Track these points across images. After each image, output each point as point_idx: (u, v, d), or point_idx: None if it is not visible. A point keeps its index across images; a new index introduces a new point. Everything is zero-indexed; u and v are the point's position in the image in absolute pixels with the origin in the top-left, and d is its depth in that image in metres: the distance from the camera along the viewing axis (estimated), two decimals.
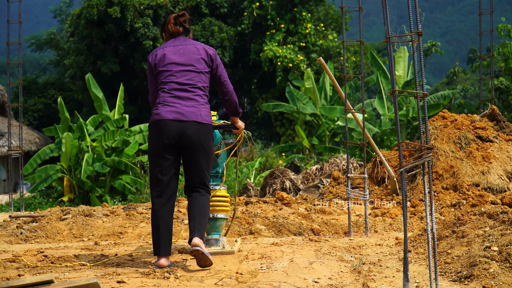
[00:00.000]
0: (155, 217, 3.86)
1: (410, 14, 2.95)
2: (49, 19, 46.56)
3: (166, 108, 3.88)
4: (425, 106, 2.98)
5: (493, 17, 10.74)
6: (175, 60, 3.98)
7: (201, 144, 3.89)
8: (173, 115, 3.86)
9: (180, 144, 3.89)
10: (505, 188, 6.88)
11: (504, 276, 3.29)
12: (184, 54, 4.00)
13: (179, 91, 3.92)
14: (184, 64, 3.98)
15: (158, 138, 3.87)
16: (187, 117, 3.86)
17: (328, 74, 5.45)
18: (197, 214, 3.88)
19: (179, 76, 3.95)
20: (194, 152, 3.90)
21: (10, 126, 9.32)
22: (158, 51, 4.04)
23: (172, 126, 3.85)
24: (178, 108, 3.88)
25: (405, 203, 2.91)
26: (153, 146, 3.89)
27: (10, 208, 8.97)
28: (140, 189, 14.58)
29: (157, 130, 3.87)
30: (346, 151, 5.42)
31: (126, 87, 23.87)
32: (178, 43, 4.06)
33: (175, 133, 3.85)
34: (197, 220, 3.86)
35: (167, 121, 3.85)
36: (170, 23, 4.10)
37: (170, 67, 3.97)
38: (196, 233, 3.82)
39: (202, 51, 4.04)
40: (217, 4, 23.91)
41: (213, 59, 4.06)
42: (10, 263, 4.00)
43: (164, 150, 3.88)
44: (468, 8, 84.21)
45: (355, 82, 18.53)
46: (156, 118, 3.88)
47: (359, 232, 5.57)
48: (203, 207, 3.93)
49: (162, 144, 3.87)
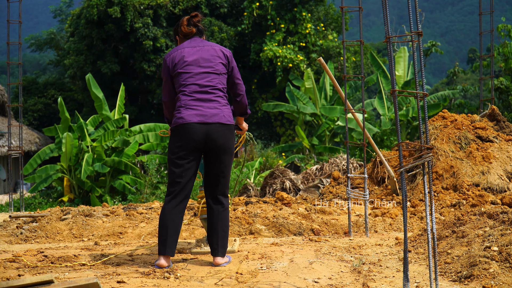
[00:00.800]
0: (165, 216, 3.87)
1: (410, 14, 2.95)
2: (49, 19, 46.56)
3: (189, 112, 3.88)
4: (425, 106, 2.98)
5: (493, 17, 10.74)
6: (194, 62, 3.97)
7: (224, 146, 3.92)
8: (197, 118, 3.86)
9: (204, 147, 3.91)
10: (505, 188, 6.88)
11: (504, 276, 3.29)
12: (203, 56, 3.99)
13: (200, 93, 3.92)
14: (203, 66, 3.97)
15: (182, 141, 3.87)
16: (211, 119, 3.87)
17: (328, 74, 5.45)
18: (220, 232, 3.97)
19: (199, 78, 3.95)
20: (218, 154, 3.93)
21: (10, 126, 9.32)
22: (176, 52, 4.02)
23: (197, 129, 3.85)
24: (202, 110, 3.88)
25: (405, 203, 2.91)
26: (177, 149, 3.89)
27: (10, 208, 8.97)
28: (140, 189, 14.59)
29: (182, 133, 3.87)
30: (346, 151, 5.42)
31: (126, 87, 23.87)
32: (195, 44, 4.05)
33: (201, 136, 3.86)
34: (219, 238, 3.96)
35: (192, 124, 3.85)
36: (183, 24, 4.11)
37: (189, 69, 3.96)
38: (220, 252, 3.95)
39: (220, 52, 4.04)
40: (217, 4, 23.92)
41: (229, 61, 4.07)
42: (10, 263, 4.00)
43: (188, 153, 3.89)
44: (468, 8, 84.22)
45: (355, 82, 18.53)
46: (180, 121, 3.87)
47: (359, 232, 5.57)
48: (225, 222, 3.99)
49: (187, 147, 3.87)
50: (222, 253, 3.95)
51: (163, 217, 3.87)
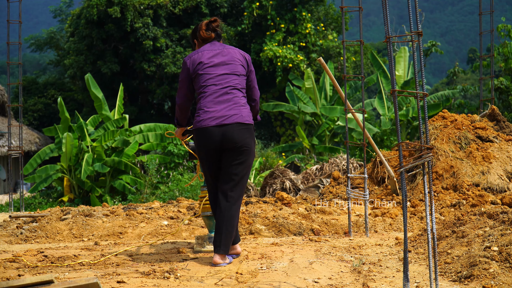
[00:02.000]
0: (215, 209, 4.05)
1: (410, 14, 2.95)
2: (49, 19, 46.56)
3: (207, 115, 3.96)
4: (425, 106, 2.98)
5: (493, 17, 10.73)
6: (214, 64, 4.05)
7: (242, 144, 3.99)
8: (215, 121, 3.95)
9: (224, 148, 4.00)
10: (505, 188, 6.88)
11: (504, 276, 3.29)
12: (224, 58, 4.08)
13: (220, 95, 4.00)
14: (224, 68, 4.05)
15: (203, 144, 4.00)
16: (229, 120, 3.95)
17: (328, 74, 5.44)
18: (225, 228, 3.96)
19: (219, 79, 4.03)
20: (234, 153, 4.00)
21: (10, 126, 9.32)
22: (196, 55, 4.10)
23: (215, 132, 3.95)
24: (220, 112, 3.96)
25: (405, 203, 2.91)
26: (201, 152, 4.05)
27: (10, 208, 8.97)
28: (140, 189, 14.59)
29: (202, 136, 3.99)
30: (346, 151, 5.42)
31: (126, 87, 23.86)
32: (215, 47, 4.13)
33: (218, 138, 3.95)
34: (224, 235, 3.96)
35: (209, 128, 3.95)
36: (202, 29, 4.20)
37: (210, 71, 4.04)
38: (220, 249, 3.95)
39: (240, 55, 4.14)
40: (217, 4, 23.91)
41: (248, 64, 4.17)
42: (10, 263, 4.00)
43: (211, 155, 4.02)
44: (468, 8, 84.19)
45: (355, 82, 18.52)
46: (199, 125, 3.98)
47: (359, 232, 5.57)
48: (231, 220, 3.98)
49: (208, 150, 4.00)
50: (225, 251, 3.98)
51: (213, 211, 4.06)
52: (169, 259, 4.19)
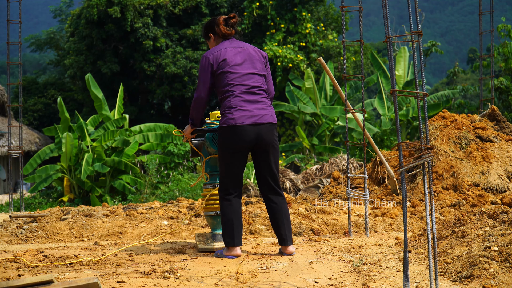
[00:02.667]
0: (233, 211, 4.08)
1: (410, 14, 2.95)
2: (49, 19, 46.56)
3: (240, 113, 4.01)
4: (425, 106, 2.98)
5: (493, 17, 10.73)
6: (239, 63, 4.09)
7: (273, 143, 4.11)
8: (249, 119, 4.01)
9: (255, 146, 4.08)
10: (505, 188, 6.88)
11: (504, 276, 3.29)
12: (246, 57, 4.13)
13: (249, 94, 4.06)
14: (249, 66, 4.11)
15: (235, 142, 4.03)
16: (262, 119, 4.04)
17: (328, 74, 5.44)
18: (286, 220, 4.16)
19: (246, 79, 4.08)
20: (269, 152, 4.11)
21: (10, 126, 9.32)
22: (219, 51, 4.11)
23: (249, 131, 4.01)
24: (253, 112, 4.03)
25: (405, 203, 2.91)
26: (230, 149, 4.06)
27: (10, 208, 8.97)
28: (140, 189, 14.59)
29: (234, 134, 4.02)
30: (346, 151, 5.42)
31: (126, 87, 23.85)
32: (236, 45, 4.17)
33: (252, 137, 4.03)
34: (287, 227, 4.15)
35: (244, 126, 4.01)
36: (221, 24, 4.23)
37: (236, 69, 4.07)
38: (290, 241, 4.16)
39: (259, 54, 4.19)
40: (217, 4, 23.92)
41: (266, 62, 4.23)
42: (10, 263, 4.00)
43: (242, 152, 4.07)
44: (468, 8, 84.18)
45: (355, 82, 18.52)
46: (232, 123, 4.01)
47: (359, 232, 5.57)
48: (288, 213, 4.19)
49: (239, 147, 4.04)
50: (292, 241, 4.17)
51: (230, 213, 4.08)
52: (169, 259, 4.19)
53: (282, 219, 4.14)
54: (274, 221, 4.17)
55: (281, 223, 4.14)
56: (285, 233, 4.14)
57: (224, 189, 4.11)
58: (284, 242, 4.15)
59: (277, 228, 4.16)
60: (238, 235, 4.08)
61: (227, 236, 4.07)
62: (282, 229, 4.14)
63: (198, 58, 22.75)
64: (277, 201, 4.16)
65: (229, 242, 4.08)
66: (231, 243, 4.08)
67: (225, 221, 4.08)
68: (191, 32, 23.26)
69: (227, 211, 4.08)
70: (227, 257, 4.08)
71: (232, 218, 4.07)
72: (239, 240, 4.09)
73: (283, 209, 4.16)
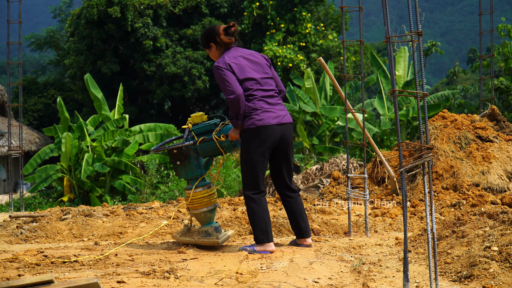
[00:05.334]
0: (264, 210, 4.29)
1: (410, 14, 2.95)
2: (49, 19, 46.55)
3: (266, 114, 4.24)
4: (425, 106, 2.98)
5: (493, 17, 10.73)
6: (253, 69, 4.31)
7: (292, 143, 4.41)
8: (275, 120, 4.26)
9: (279, 145, 4.33)
10: (505, 188, 6.88)
11: (504, 276, 3.29)
12: (257, 63, 4.36)
13: (269, 97, 4.30)
14: (262, 72, 4.34)
15: (264, 142, 4.24)
16: (284, 119, 4.31)
17: (328, 74, 5.44)
18: (304, 214, 4.45)
19: (263, 83, 4.32)
20: (289, 151, 4.39)
21: (10, 126, 9.31)
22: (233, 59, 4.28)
23: (276, 130, 4.26)
24: (276, 112, 4.28)
25: (405, 203, 2.91)
26: (258, 149, 4.25)
27: (10, 208, 8.97)
28: (140, 189, 14.58)
29: (264, 134, 4.23)
30: (346, 151, 5.42)
31: (126, 87, 23.85)
32: (242, 53, 4.37)
33: (278, 136, 4.28)
34: (305, 220, 4.46)
35: (272, 126, 4.24)
36: (221, 34, 4.38)
37: (253, 75, 4.28)
38: (309, 233, 4.48)
39: (264, 58, 4.43)
40: (217, 4, 23.91)
41: (271, 65, 4.49)
42: (10, 263, 4.00)
43: (268, 151, 4.29)
44: (468, 8, 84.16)
45: (355, 82, 18.51)
46: (261, 123, 4.22)
47: (359, 232, 5.57)
48: (303, 207, 4.49)
49: (267, 147, 4.26)
50: (310, 234, 4.48)
51: (259, 211, 4.27)
52: (169, 259, 4.19)
53: (301, 213, 4.41)
54: (293, 215, 4.41)
55: (299, 216, 4.40)
56: (305, 225, 4.43)
57: (254, 188, 4.28)
58: (304, 234, 4.43)
59: (296, 222, 4.42)
60: (271, 231, 4.29)
61: (261, 233, 4.27)
62: (302, 222, 4.42)
63: (198, 58, 22.74)
64: (294, 196, 4.41)
65: (263, 239, 4.26)
66: (265, 240, 4.27)
67: (257, 219, 4.27)
68: (191, 32, 23.26)
69: (258, 210, 4.27)
70: (260, 252, 4.26)
71: (264, 216, 4.26)
72: (272, 236, 4.29)
73: (301, 203, 4.44)
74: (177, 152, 4.50)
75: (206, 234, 4.55)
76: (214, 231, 4.54)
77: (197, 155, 4.56)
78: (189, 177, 4.56)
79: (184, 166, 4.54)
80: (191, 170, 4.54)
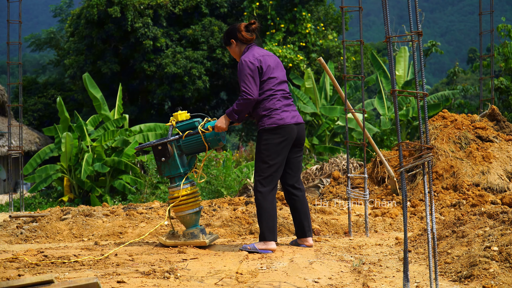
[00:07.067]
0: (272, 208, 4.34)
1: (410, 14, 2.95)
2: (49, 19, 46.56)
3: (286, 114, 4.38)
4: (425, 106, 2.98)
5: (493, 17, 10.73)
6: (276, 70, 4.43)
7: (304, 141, 4.53)
8: (293, 119, 4.41)
9: (295, 143, 4.47)
10: (505, 188, 6.88)
11: (504, 276, 3.29)
12: (279, 63, 4.50)
13: (285, 99, 4.44)
14: (281, 74, 4.47)
15: (285, 140, 4.37)
16: (299, 119, 4.45)
17: (328, 74, 5.44)
18: (308, 214, 4.52)
19: (282, 84, 4.46)
20: (300, 148, 4.53)
21: (10, 126, 9.32)
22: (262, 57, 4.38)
23: (295, 129, 4.41)
24: (293, 113, 4.43)
25: (405, 203, 2.91)
26: (278, 147, 4.36)
27: (10, 208, 8.97)
28: (140, 189, 14.58)
29: (285, 133, 4.36)
30: (346, 151, 5.42)
31: (126, 87, 23.83)
32: (265, 52, 4.47)
33: (295, 135, 4.43)
34: (309, 220, 4.53)
35: (291, 125, 4.38)
36: (243, 31, 4.48)
37: (276, 75, 4.41)
38: (311, 233, 4.55)
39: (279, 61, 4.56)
40: (217, 4, 23.90)
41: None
42: (10, 263, 4.00)
43: (287, 150, 4.41)
44: (468, 8, 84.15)
45: (355, 82, 18.51)
46: (282, 122, 4.35)
47: (359, 232, 5.57)
48: (308, 206, 4.62)
49: (286, 145, 4.38)
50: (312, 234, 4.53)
51: (269, 208, 4.33)
52: (169, 259, 4.19)
53: (305, 212, 4.47)
54: (297, 213, 4.46)
55: (304, 215, 4.47)
56: (308, 225, 4.49)
57: (269, 184, 4.35)
58: (306, 233, 4.48)
59: (299, 220, 4.47)
60: (276, 231, 4.35)
61: (268, 230, 4.30)
62: (305, 221, 4.47)
63: (198, 58, 22.72)
64: (300, 195, 4.50)
65: (269, 236, 4.30)
66: (271, 238, 4.30)
67: (267, 216, 4.32)
68: (191, 32, 23.25)
69: (270, 207, 4.32)
70: (262, 251, 4.27)
71: (274, 214, 4.34)
72: (276, 235, 4.35)
73: (306, 202, 4.52)
74: (161, 149, 4.55)
75: (192, 236, 4.59)
76: (200, 232, 4.60)
77: (181, 153, 4.62)
78: (173, 174, 4.60)
79: (168, 163, 4.58)
80: (175, 167, 4.58)
